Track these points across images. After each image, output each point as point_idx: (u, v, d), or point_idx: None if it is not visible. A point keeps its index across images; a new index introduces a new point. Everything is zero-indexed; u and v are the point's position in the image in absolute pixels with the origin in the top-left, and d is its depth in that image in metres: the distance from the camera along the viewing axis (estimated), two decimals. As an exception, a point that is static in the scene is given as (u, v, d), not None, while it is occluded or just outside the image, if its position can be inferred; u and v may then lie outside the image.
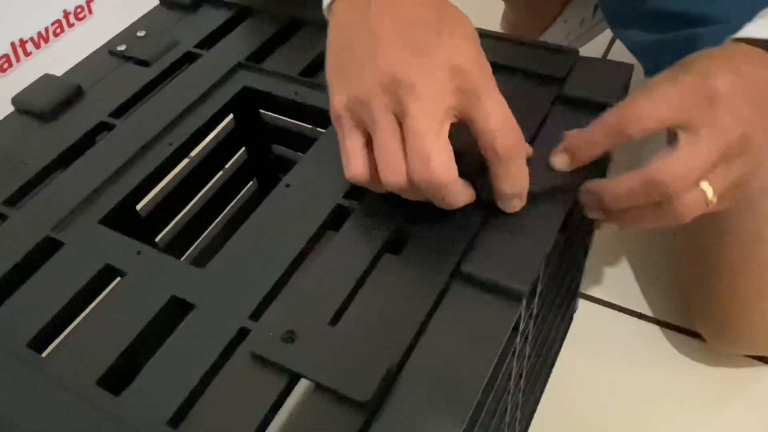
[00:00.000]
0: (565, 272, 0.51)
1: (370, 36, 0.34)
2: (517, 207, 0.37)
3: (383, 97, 0.33)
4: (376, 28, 0.34)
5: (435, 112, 0.33)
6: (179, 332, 0.34)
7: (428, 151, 0.32)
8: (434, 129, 0.32)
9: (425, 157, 0.32)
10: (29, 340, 0.35)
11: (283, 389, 0.31)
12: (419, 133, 0.32)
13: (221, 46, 0.53)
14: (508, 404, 0.43)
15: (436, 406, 0.30)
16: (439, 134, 0.33)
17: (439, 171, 0.33)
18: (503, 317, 0.33)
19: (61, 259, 0.39)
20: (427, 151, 0.32)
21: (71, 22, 0.90)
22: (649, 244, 0.71)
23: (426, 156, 0.32)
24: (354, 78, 0.34)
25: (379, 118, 0.33)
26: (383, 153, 0.34)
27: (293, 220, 0.39)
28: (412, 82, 0.32)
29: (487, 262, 0.34)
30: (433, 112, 0.32)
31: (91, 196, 0.42)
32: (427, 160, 0.32)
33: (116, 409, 0.32)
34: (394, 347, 0.32)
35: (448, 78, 0.33)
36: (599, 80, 0.44)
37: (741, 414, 0.58)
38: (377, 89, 0.33)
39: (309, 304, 0.34)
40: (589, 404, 0.59)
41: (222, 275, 0.37)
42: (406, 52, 0.33)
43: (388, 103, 0.33)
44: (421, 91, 0.32)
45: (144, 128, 0.46)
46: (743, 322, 0.55)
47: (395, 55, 0.33)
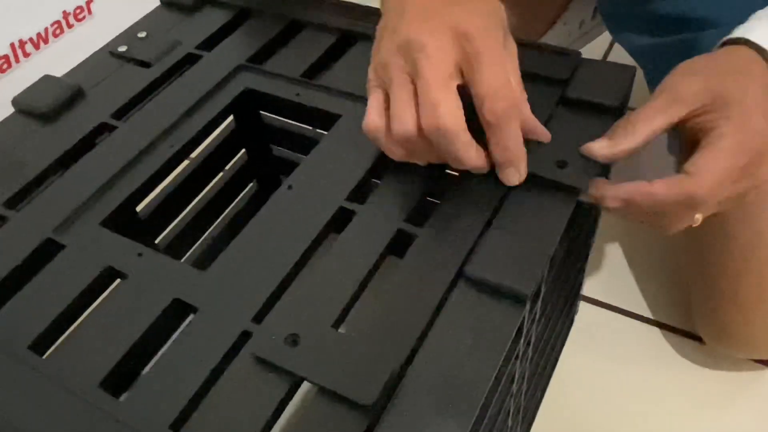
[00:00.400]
0: (567, 275, 0.51)
1: (400, 14, 0.37)
2: (512, 178, 0.38)
3: (399, 58, 0.36)
4: (407, 7, 0.37)
5: (442, 67, 0.35)
6: (181, 335, 0.34)
7: (435, 99, 0.35)
8: (442, 81, 0.35)
9: (433, 105, 0.35)
10: (30, 342, 0.35)
11: (286, 393, 0.31)
12: (427, 84, 0.35)
13: (222, 47, 0.53)
14: (511, 407, 0.43)
15: (440, 410, 0.30)
16: (447, 86, 0.35)
17: (445, 117, 0.34)
18: (507, 320, 0.33)
19: (62, 262, 0.39)
20: (435, 98, 0.35)
21: (71, 23, 0.90)
22: (650, 246, 0.71)
23: (433, 103, 0.35)
24: (381, 47, 0.38)
25: (394, 76, 0.36)
26: (395, 105, 0.36)
27: (296, 222, 0.39)
28: (422, 42, 0.35)
29: (491, 265, 0.34)
30: (441, 66, 0.35)
31: (93, 198, 0.42)
32: (434, 107, 0.34)
33: (118, 412, 0.32)
34: (397, 350, 0.32)
35: (454, 39, 0.35)
36: (602, 82, 0.44)
37: (741, 417, 0.58)
38: (394, 51, 0.37)
39: (312, 307, 0.34)
40: (590, 406, 0.59)
41: (224, 278, 0.36)
42: (421, 19, 0.36)
43: (403, 65, 0.36)
44: (429, 49, 0.35)
45: (145, 130, 0.46)
46: (743, 325, 0.55)
47: (412, 23, 0.36)
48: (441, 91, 0.35)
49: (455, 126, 0.35)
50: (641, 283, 0.68)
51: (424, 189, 0.40)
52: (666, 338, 0.64)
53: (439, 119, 0.35)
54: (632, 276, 0.69)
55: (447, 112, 0.35)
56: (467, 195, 0.39)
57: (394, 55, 0.36)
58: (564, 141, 0.40)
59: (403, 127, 0.36)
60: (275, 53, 0.52)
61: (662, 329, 0.64)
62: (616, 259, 0.70)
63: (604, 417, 0.59)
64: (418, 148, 0.37)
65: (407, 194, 0.39)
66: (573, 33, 0.84)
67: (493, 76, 0.35)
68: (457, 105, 0.35)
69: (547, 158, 0.39)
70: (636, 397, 0.60)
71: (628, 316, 0.66)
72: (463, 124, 0.35)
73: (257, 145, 0.61)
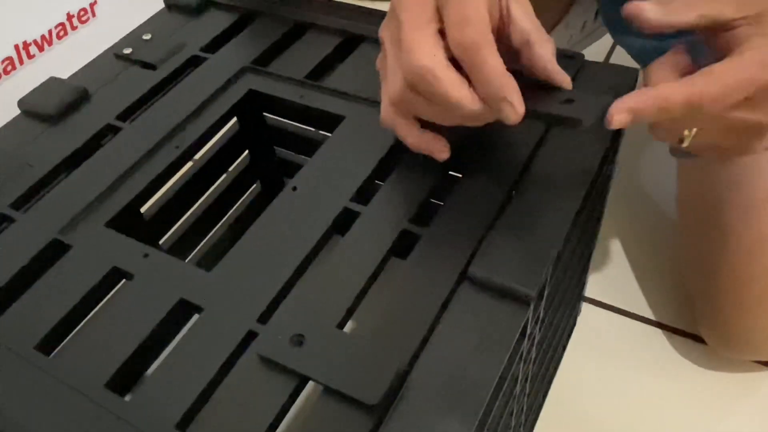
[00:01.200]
0: (570, 275, 0.51)
1: None
2: (510, 112, 0.34)
3: (387, 28, 0.38)
4: None
5: (417, 12, 0.35)
6: (187, 335, 0.34)
7: (410, 42, 0.34)
8: (418, 25, 0.34)
9: (408, 49, 0.34)
10: (37, 342, 0.35)
11: (291, 392, 0.31)
12: (405, 33, 0.34)
13: (227, 49, 0.53)
14: (514, 408, 0.43)
15: (445, 410, 0.30)
16: (422, 29, 0.34)
17: (419, 55, 0.34)
18: (511, 321, 0.33)
19: (69, 262, 0.39)
20: (409, 41, 0.34)
21: (74, 24, 0.90)
22: (652, 247, 0.71)
23: (409, 48, 0.34)
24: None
25: (385, 45, 0.37)
26: (387, 74, 0.37)
27: (300, 223, 0.39)
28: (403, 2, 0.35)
29: (495, 266, 0.34)
30: (416, 12, 0.35)
31: (98, 199, 0.42)
32: (409, 49, 0.34)
33: (124, 412, 0.32)
34: (402, 350, 0.32)
35: None
36: (606, 85, 0.44)
37: (744, 418, 0.58)
38: (385, 23, 0.38)
39: (317, 307, 0.34)
40: (592, 407, 0.59)
41: (230, 278, 0.37)
42: None
43: (392, 33, 0.37)
44: (408, 2, 0.35)
45: (150, 131, 0.46)
46: (746, 327, 0.55)
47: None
48: (415, 33, 0.34)
49: (431, 63, 0.33)
50: (644, 284, 0.68)
51: (428, 190, 0.40)
52: (668, 340, 0.64)
53: (414, 60, 0.34)
54: (635, 277, 0.69)
55: (422, 51, 0.33)
56: (471, 196, 0.39)
57: (386, 25, 0.37)
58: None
59: (392, 87, 0.36)
60: (279, 55, 0.52)
61: (665, 331, 0.65)
62: (619, 260, 0.71)
63: (607, 418, 0.59)
64: (420, 108, 0.36)
65: (411, 195, 0.39)
66: (575, 35, 0.85)
67: (458, 5, 0.33)
68: (433, 43, 0.34)
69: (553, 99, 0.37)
70: (638, 398, 0.60)
71: (630, 317, 0.66)
72: (441, 60, 0.34)
73: (261, 147, 0.61)
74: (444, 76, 0.34)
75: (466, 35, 0.33)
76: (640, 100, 0.34)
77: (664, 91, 0.34)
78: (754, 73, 0.34)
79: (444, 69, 0.34)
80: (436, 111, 0.36)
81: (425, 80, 0.34)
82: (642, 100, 0.34)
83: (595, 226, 0.54)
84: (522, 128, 0.41)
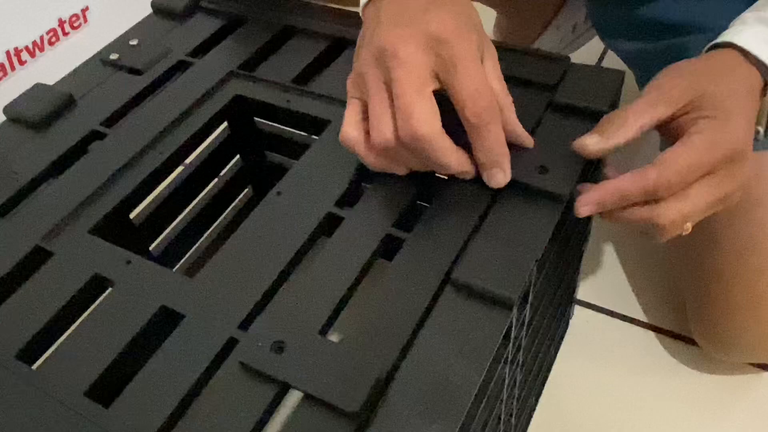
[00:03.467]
0: (560, 279, 0.51)
1: (376, 23, 0.37)
2: (499, 179, 0.38)
3: (374, 67, 0.36)
4: (381, 17, 0.37)
5: (416, 73, 0.35)
6: (168, 343, 0.34)
7: (410, 106, 0.35)
8: (416, 87, 0.35)
9: (407, 112, 0.35)
10: (18, 351, 0.35)
11: (272, 399, 0.31)
12: (402, 92, 0.35)
13: (213, 54, 0.53)
14: (502, 412, 0.43)
15: (427, 416, 0.30)
16: (421, 92, 0.35)
17: (420, 124, 0.34)
18: (494, 325, 0.33)
19: (51, 270, 0.39)
20: (409, 105, 0.35)
21: (66, 30, 0.90)
22: (644, 250, 0.71)
23: (407, 110, 0.35)
24: (359, 57, 0.38)
25: (370, 86, 0.37)
26: (372, 116, 0.37)
27: (284, 228, 0.39)
28: (395, 49, 0.35)
29: (478, 270, 0.34)
30: (415, 73, 0.35)
31: (82, 206, 0.42)
32: (409, 114, 0.35)
33: (105, 421, 0.32)
34: (384, 357, 0.32)
35: (428, 45, 0.35)
36: (591, 87, 0.44)
37: (735, 420, 0.58)
38: (369, 61, 0.37)
39: (299, 314, 0.34)
40: (585, 410, 0.59)
41: (212, 285, 0.36)
42: (394, 27, 0.36)
43: (378, 74, 0.36)
44: (402, 56, 0.35)
45: (136, 137, 0.46)
46: (737, 329, 0.55)
47: (386, 31, 0.36)
48: (415, 97, 0.35)
49: (430, 132, 0.35)
50: (636, 287, 0.68)
51: (413, 194, 0.40)
52: (661, 342, 0.64)
53: (414, 127, 0.34)
54: (627, 280, 0.69)
55: (422, 119, 0.34)
56: (455, 200, 0.39)
57: (370, 65, 0.37)
58: (551, 146, 0.40)
59: (381, 137, 0.36)
60: (266, 60, 0.52)
61: (657, 333, 0.64)
62: (611, 263, 0.70)
63: (600, 420, 0.58)
64: (400, 157, 0.37)
65: (395, 199, 0.39)
66: (566, 37, 0.85)
67: (471, 78, 0.35)
68: (432, 111, 0.35)
69: (530, 164, 0.39)
70: (631, 400, 0.59)
71: (623, 320, 0.66)
72: (439, 129, 0.35)
73: (252, 152, 0.61)
74: (441, 145, 0.35)
75: (481, 108, 0.35)
76: (602, 193, 0.37)
77: (621, 184, 0.37)
78: (704, 154, 0.37)
79: (441, 138, 0.35)
80: (420, 162, 0.38)
81: (422, 145, 0.35)
82: (603, 194, 0.37)
83: (584, 229, 0.54)
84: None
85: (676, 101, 0.38)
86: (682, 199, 0.37)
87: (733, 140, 0.37)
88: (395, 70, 0.35)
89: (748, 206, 0.53)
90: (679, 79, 0.39)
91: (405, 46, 0.35)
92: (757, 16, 0.42)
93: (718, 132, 0.37)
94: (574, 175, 0.38)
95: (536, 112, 0.43)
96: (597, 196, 0.37)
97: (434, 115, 0.35)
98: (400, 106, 0.35)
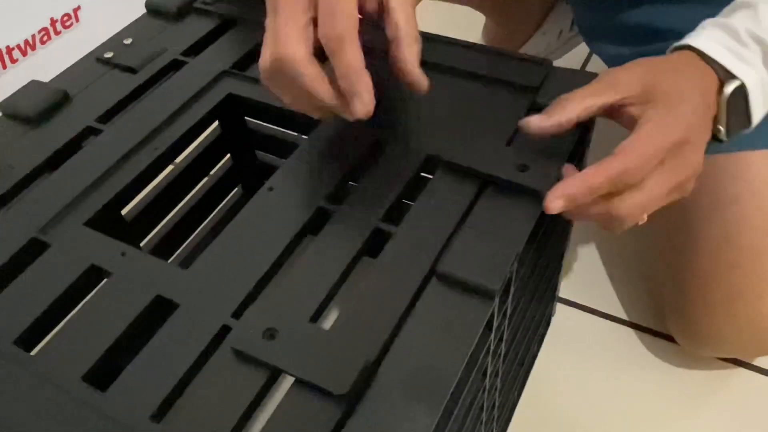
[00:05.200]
0: (541, 274, 0.52)
1: None
2: (357, 108, 0.37)
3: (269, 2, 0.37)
4: None
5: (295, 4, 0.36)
6: (163, 330, 0.35)
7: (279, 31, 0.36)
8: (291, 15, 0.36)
9: (275, 36, 0.36)
10: (16, 338, 0.36)
11: (263, 384, 0.33)
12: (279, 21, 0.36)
13: (207, 54, 0.54)
14: (484, 401, 0.44)
15: (411, 399, 0.31)
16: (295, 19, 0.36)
17: (282, 46, 0.36)
18: (476, 315, 0.34)
19: (47, 261, 0.40)
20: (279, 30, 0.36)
21: (58, 30, 0.91)
22: (623, 248, 0.73)
23: (277, 35, 0.36)
24: None
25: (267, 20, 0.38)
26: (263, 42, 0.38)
27: (275, 222, 0.40)
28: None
29: (461, 262, 0.36)
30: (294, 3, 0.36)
31: (77, 199, 0.43)
32: (277, 38, 0.36)
33: (102, 405, 0.33)
34: (372, 343, 0.33)
35: None
36: (571, 89, 0.45)
37: (713, 415, 0.60)
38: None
39: (290, 303, 0.35)
40: (566, 405, 0.61)
41: (205, 275, 0.38)
42: None
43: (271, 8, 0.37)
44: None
45: (130, 133, 0.47)
46: (713, 325, 0.57)
47: None
48: (286, 23, 0.36)
49: (292, 54, 0.36)
50: (616, 285, 0.70)
51: (400, 190, 0.41)
52: (640, 339, 0.65)
53: (280, 50, 0.36)
54: (607, 279, 0.71)
55: (289, 42, 0.36)
56: (441, 197, 0.40)
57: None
58: (531, 145, 0.41)
59: (261, 63, 0.38)
60: (258, 60, 0.53)
61: (637, 330, 0.66)
62: (592, 262, 0.72)
63: (580, 415, 0.60)
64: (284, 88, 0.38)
65: (383, 195, 0.41)
66: (552, 43, 0.87)
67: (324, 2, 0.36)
68: (298, 35, 0.36)
69: (511, 162, 0.40)
70: (611, 396, 0.61)
71: (603, 317, 0.67)
72: (304, 53, 0.36)
73: (242, 150, 0.63)
74: (305, 70, 0.36)
75: (331, 28, 0.35)
76: (569, 186, 0.38)
77: (587, 176, 0.38)
78: (655, 139, 0.38)
79: (305, 63, 0.36)
80: (296, 95, 0.38)
81: (289, 68, 0.36)
82: (571, 187, 0.38)
83: (565, 226, 0.56)
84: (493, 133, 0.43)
85: (625, 89, 0.40)
86: (638, 189, 0.38)
87: (679, 127, 0.39)
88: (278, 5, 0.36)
89: (724, 203, 0.55)
90: (632, 69, 0.41)
91: None
92: (716, 21, 0.44)
93: (664, 118, 0.39)
94: (553, 173, 0.40)
95: (518, 113, 0.45)
96: (566, 190, 0.38)
97: (300, 39, 0.36)
98: (272, 31, 0.36)
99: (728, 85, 0.42)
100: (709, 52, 0.42)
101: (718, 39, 0.42)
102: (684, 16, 0.57)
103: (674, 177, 0.39)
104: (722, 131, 0.43)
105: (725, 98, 0.42)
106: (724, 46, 0.42)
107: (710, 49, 0.42)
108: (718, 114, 0.42)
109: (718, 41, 0.42)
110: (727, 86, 0.42)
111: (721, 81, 0.42)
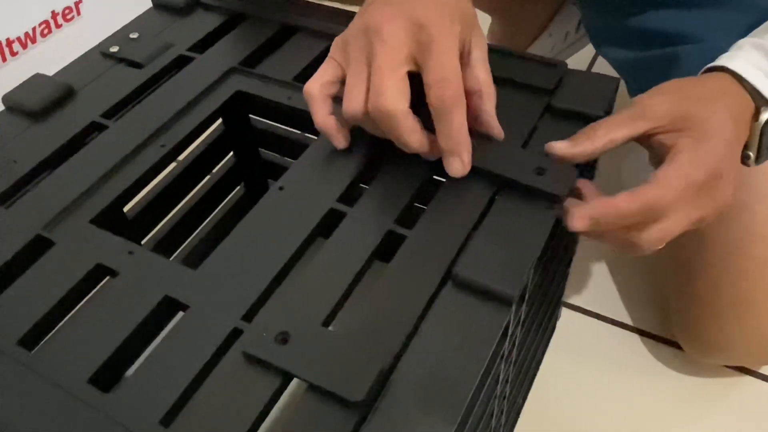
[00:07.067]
0: (551, 279, 0.52)
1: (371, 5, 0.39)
2: (457, 168, 0.39)
3: (359, 39, 0.38)
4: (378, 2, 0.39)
5: (394, 53, 0.37)
6: (172, 332, 0.34)
7: (382, 82, 0.37)
8: (391, 67, 0.37)
9: (378, 88, 0.37)
10: (20, 337, 0.35)
11: (276, 389, 0.32)
12: (378, 69, 0.37)
13: (215, 50, 0.53)
14: (495, 408, 0.43)
15: (428, 408, 0.30)
16: (395, 71, 0.37)
17: (388, 100, 0.36)
18: (493, 321, 0.34)
19: (52, 258, 0.39)
20: (382, 81, 0.37)
21: (59, 22, 0.89)
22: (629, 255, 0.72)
23: (379, 86, 0.37)
24: (350, 25, 0.40)
25: (352, 55, 0.39)
26: (349, 85, 0.39)
27: (287, 222, 0.39)
28: (379, 26, 0.37)
29: (478, 267, 0.35)
30: (393, 53, 0.37)
31: (83, 196, 0.42)
32: (380, 90, 0.37)
33: (107, 408, 0.32)
34: (386, 349, 0.32)
35: (409, 28, 0.37)
36: (587, 93, 0.45)
37: (718, 423, 0.59)
38: (356, 32, 0.39)
39: (302, 306, 0.35)
40: (571, 411, 0.60)
41: (215, 276, 0.37)
42: (384, 6, 0.38)
43: (361, 46, 0.38)
44: (385, 34, 0.37)
45: (136, 130, 0.46)
46: (720, 333, 0.57)
47: (376, 9, 0.38)
48: (388, 74, 0.36)
49: (396, 110, 0.37)
50: (622, 290, 0.69)
51: (413, 192, 0.40)
52: (645, 345, 0.65)
53: (381, 102, 0.36)
54: (613, 284, 0.70)
55: (391, 96, 0.36)
56: (455, 199, 0.39)
57: (355, 36, 0.39)
58: None
59: (352, 106, 0.38)
60: (267, 57, 0.52)
61: (642, 336, 0.66)
62: (598, 267, 0.72)
63: (585, 421, 0.59)
64: (371, 129, 0.40)
65: (396, 197, 0.40)
66: (558, 44, 0.86)
67: (442, 65, 0.36)
68: (401, 90, 0.37)
69: (528, 165, 0.40)
70: (615, 402, 0.61)
71: (608, 323, 0.67)
72: (404, 108, 0.37)
73: (246, 149, 0.62)
74: (405, 123, 0.37)
75: (444, 94, 0.36)
76: (599, 208, 0.38)
77: (619, 203, 0.37)
78: (692, 174, 0.38)
79: (406, 117, 0.37)
80: (383, 133, 0.39)
81: (388, 121, 0.37)
82: (600, 209, 0.38)
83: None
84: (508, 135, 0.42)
85: (656, 119, 0.39)
86: (662, 220, 0.38)
87: (712, 159, 0.38)
88: (376, 46, 0.37)
89: (735, 211, 0.54)
90: (665, 96, 0.40)
91: (389, 25, 0.37)
92: (753, 42, 0.43)
93: (698, 150, 0.38)
94: (570, 176, 0.39)
95: (534, 116, 0.44)
96: (593, 212, 0.37)
97: (403, 94, 0.37)
98: (374, 81, 0.37)
99: (765, 112, 0.41)
100: (747, 76, 0.41)
101: (755, 62, 0.41)
102: (693, 21, 0.57)
103: (700, 212, 0.38)
104: (752, 157, 0.42)
105: (760, 126, 0.41)
106: (763, 70, 0.41)
107: (748, 74, 0.41)
108: (750, 140, 0.41)
109: (755, 65, 0.41)
110: (763, 113, 0.41)
111: (757, 108, 0.41)
